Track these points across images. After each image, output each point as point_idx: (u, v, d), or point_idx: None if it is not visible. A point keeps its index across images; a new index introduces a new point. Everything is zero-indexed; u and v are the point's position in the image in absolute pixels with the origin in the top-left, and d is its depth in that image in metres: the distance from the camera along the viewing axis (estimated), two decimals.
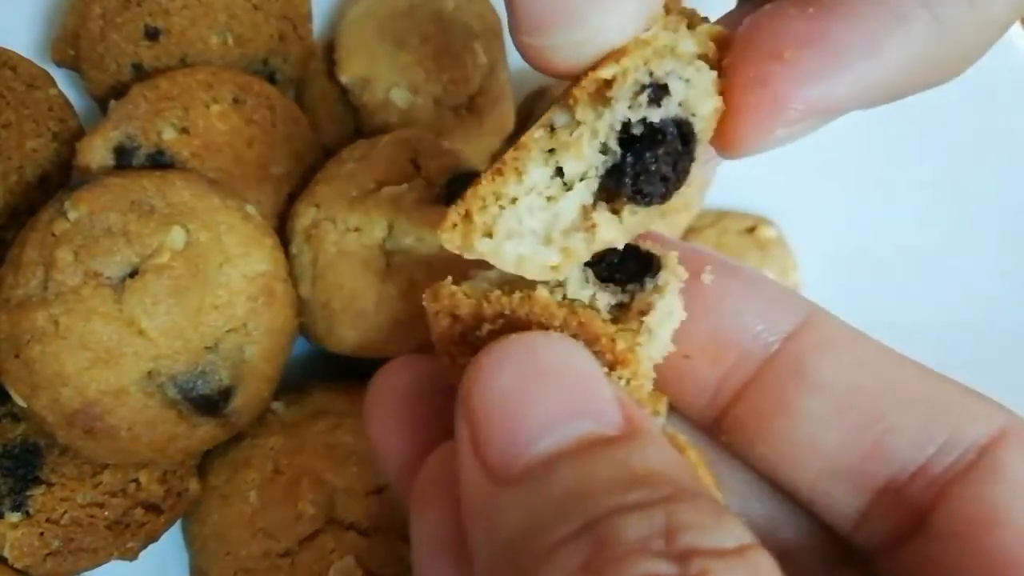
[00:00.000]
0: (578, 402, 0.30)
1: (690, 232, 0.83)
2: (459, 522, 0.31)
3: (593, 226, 0.34)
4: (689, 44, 0.34)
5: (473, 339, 0.34)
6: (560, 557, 0.26)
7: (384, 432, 0.37)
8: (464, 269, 0.36)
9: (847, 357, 0.37)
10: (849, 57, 0.33)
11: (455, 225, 0.34)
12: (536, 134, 0.34)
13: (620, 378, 0.34)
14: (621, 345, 0.33)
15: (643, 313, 0.35)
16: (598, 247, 0.34)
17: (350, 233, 0.66)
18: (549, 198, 0.34)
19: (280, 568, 0.63)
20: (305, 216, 0.67)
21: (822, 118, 0.34)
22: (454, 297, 0.34)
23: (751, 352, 0.38)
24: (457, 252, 0.34)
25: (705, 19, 0.35)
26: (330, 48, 0.75)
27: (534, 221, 0.34)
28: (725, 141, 0.34)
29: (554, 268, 0.34)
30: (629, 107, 0.33)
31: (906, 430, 0.36)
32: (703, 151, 0.34)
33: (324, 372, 0.75)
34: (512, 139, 0.77)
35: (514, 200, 0.34)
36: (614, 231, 0.34)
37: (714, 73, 0.34)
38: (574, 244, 0.34)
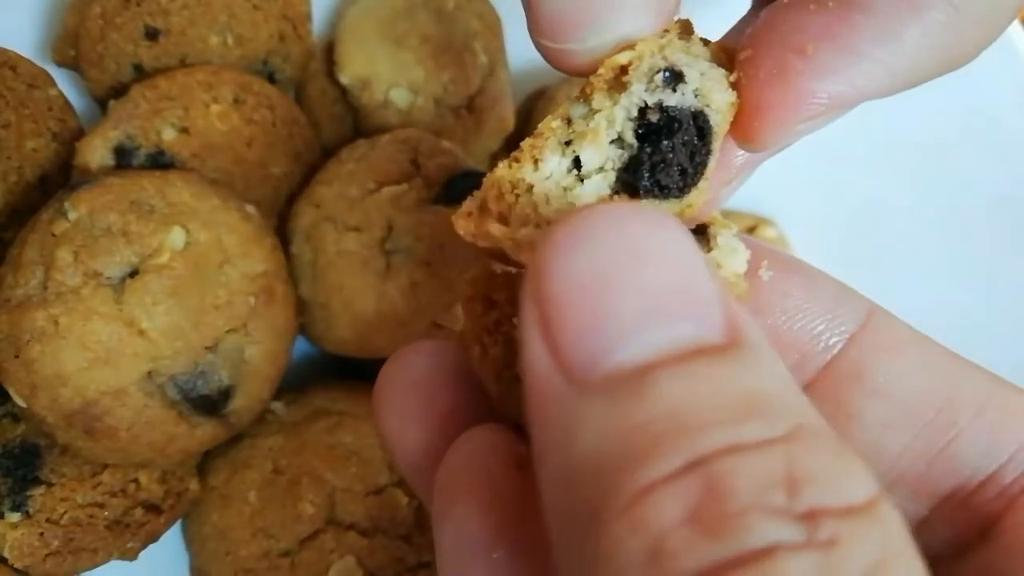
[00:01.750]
0: (680, 297, 0.25)
1: None
2: (493, 517, 0.29)
3: None
4: (700, 48, 0.34)
5: (508, 327, 0.33)
6: (660, 501, 0.22)
7: (397, 423, 0.35)
8: (468, 266, 0.35)
9: (912, 360, 0.35)
10: (871, 49, 0.33)
11: (470, 214, 0.33)
12: (554, 123, 0.34)
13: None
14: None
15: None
16: None
17: (350, 233, 0.66)
18: (566, 188, 0.34)
19: (280, 568, 0.63)
20: (305, 216, 0.67)
21: (843, 109, 0.34)
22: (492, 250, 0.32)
23: (811, 353, 0.36)
24: (471, 239, 0.33)
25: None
26: (330, 48, 0.75)
27: (549, 210, 0.33)
28: (747, 135, 0.34)
29: None
30: (645, 90, 0.33)
31: (977, 438, 0.34)
32: (719, 146, 0.34)
33: (324, 372, 0.75)
34: (512, 139, 0.77)
35: (530, 188, 0.33)
36: None
37: (726, 72, 0.34)
38: None
